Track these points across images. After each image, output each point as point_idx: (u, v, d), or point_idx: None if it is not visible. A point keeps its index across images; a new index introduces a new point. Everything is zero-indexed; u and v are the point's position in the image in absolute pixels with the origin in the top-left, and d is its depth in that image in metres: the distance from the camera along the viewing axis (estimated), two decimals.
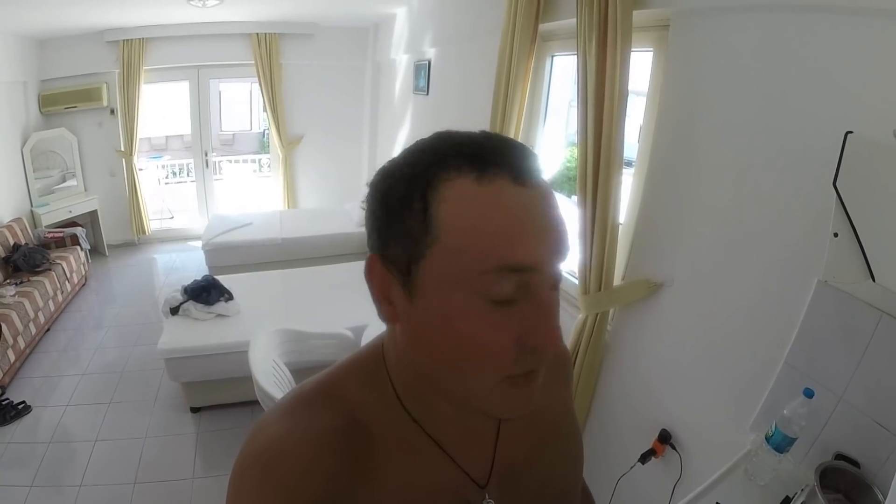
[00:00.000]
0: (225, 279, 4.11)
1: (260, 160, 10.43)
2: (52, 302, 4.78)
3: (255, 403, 2.63)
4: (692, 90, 1.94)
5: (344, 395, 0.69)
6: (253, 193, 9.01)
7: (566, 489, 0.85)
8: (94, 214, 6.66)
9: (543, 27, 2.72)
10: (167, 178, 9.92)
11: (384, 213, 0.60)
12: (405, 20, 5.57)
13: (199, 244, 5.90)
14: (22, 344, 4.12)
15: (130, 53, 6.25)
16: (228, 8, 5.37)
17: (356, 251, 5.86)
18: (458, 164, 0.56)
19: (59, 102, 6.23)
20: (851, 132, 1.16)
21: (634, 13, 1.98)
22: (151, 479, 3.10)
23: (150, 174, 8.91)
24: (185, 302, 3.78)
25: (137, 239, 7.25)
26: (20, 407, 3.62)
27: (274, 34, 6.72)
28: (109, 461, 3.23)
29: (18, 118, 5.76)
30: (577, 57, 2.22)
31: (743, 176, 1.75)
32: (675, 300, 2.08)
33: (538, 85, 3.06)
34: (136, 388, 3.98)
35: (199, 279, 3.98)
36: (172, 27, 6.23)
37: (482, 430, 0.75)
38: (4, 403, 3.60)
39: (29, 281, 4.60)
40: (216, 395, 3.65)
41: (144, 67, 6.40)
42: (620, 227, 2.22)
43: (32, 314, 4.31)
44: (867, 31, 1.35)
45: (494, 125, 2.96)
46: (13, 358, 3.96)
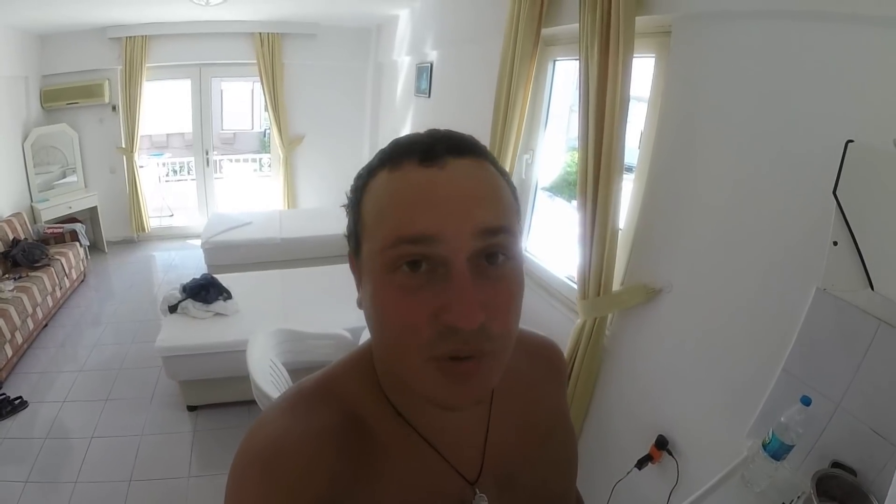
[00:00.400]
0: (224, 278, 4.11)
1: (260, 159, 10.45)
2: (50, 298, 4.78)
3: (252, 403, 2.63)
4: (693, 96, 1.94)
5: (343, 392, 0.69)
6: (253, 193, 9.02)
7: (561, 491, 0.85)
8: (93, 211, 6.67)
9: (546, 32, 2.73)
10: (167, 175, 9.95)
11: (349, 212, 0.66)
12: (408, 22, 5.57)
13: (198, 242, 5.89)
14: (19, 339, 4.12)
15: (133, 50, 6.25)
16: (231, 7, 5.38)
17: None
18: (383, 160, 0.62)
19: (60, 98, 6.23)
20: (852, 141, 1.16)
21: (637, 19, 1.99)
22: (147, 476, 3.10)
23: (150, 171, 8.93)
24: (183, 300, 3.78)
25: (137, 236, 7.25)
26: (17, 402, 3.62)
27: (276, 34, 6.73)
28: (105, 458, 3.22)
29: (20, 113, 5.76)
30: (579, 62, 2.23)
31: (743, 182, 1.75)
32: (673, 306, 2.08)
33: (540, 89, 3.06)
34: (133, 385, 3.97)
35: (197, 277, 3.98)
36: (175, 25, 6.23)
37: (471, 427, 0.75)
38: (1, 398, 3.60)
39: (27, 276, 4.60)
40: (213, 393, 3.64)
41: (146, 65, 6.40)
42: (620, 232, 2.22)
43: (30, 309, 4.31)
44: (868, 38, 1.35)
45: (495, 129, 2.96)
46: (10, 353, 3.96)
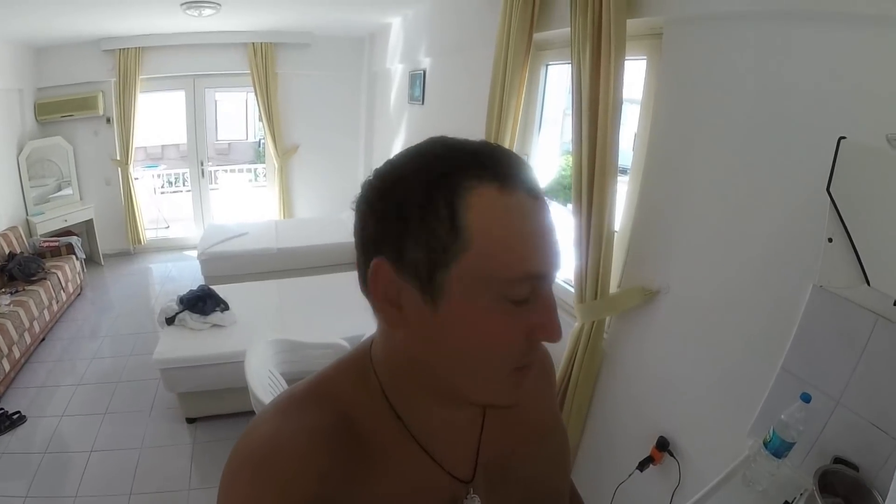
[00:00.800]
0: (221, 289, 4.10)
1: (255, 170, 10.47)
2: (47, 311, 4.76)
3: (251, 413, 2.62)
4: (686, 97, 1.95)
5: (336, 394, 0.70)
6: (248, 203, 9.02)
7: (554, 487, 0.86)
8: (89, 223, 6.65)
9: (538, 36, 2.74)
10: (163, 187, 9.94)
11: (398, 218, 0.59)
12: (400, 30, 5.59)
13: (194, 254, 5.89)
14: (17, 353, 4.09)
15: (127, 62, 6.25)
16: (224, 18, 5.37)
17: (352, 261, 5.79)
18: (477, 172, 0.58)
19: (55, 111, 6.23)
20: (844, 138, 1.16)
21: (628, 21, 2.00)
22: (147, 490, 3.08)
23: (145, 183, 8.92)
24: (180, 312, 3.77)
25: (133, 248, 7.23)
26: (15, 417, 3.60)
27: (270, 44, 6.74)
28: (105, 472, 3.20)
29: (14, 126, 5.75)
30: (571, 66, 2.24)
31: (736, 182, 1.76)
32: (671, 307, 2.08)
33: (533, 94, 3.07)
34: (131, 398, 3.96)
35: (194, 289, 3.97)
36: (169, 36, 6.23)
37: (466, 427, 0.76)
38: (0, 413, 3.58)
39: (24, 290, 4.58)
40: (212, 405, 3.63)
41: (140, 76, 6.40)
42: (616, 234, 2.23)
43: (27, 323, 4.29)
44: (859, 37, 1.36)
45: (490, 134, 2.97)
46: (8, 367, 3.93)
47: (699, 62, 1.89)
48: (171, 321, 3.75)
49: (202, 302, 3.80)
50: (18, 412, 3.64)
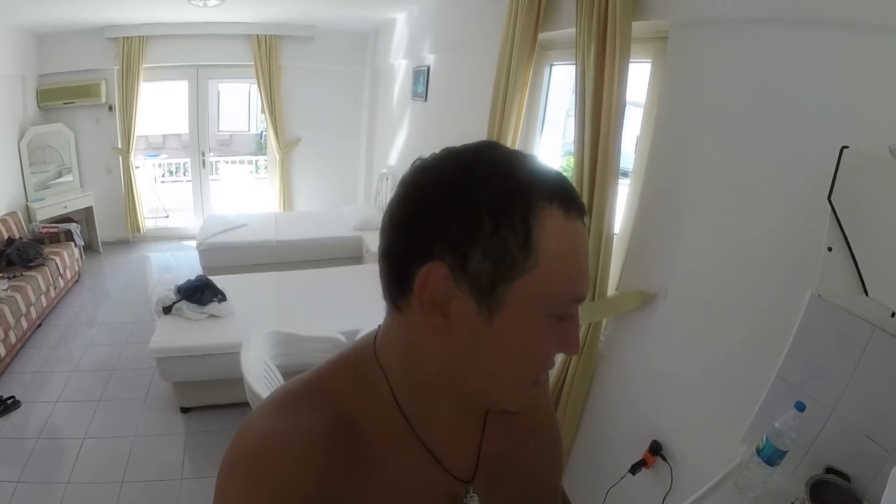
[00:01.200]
0: (219, 280, 4.09)
1: (257, 161, 10.43)
2: (44, 297, 4.75)
3: (245, 405, 2.62)
4: (690, 101, 1.95)
5: (333, 391, 0.69)
6: (249, 195, 9.00)
7: (550, 485, 0.87)
8: (89, 211, 6.64)
9: (543, 36, 2.73)
10: (163, 176, 9.93)
11: (469, 224, 0.57)
12: (405, 26, 5.58)
13: (193, 244, 5.89)
14: (13, 339, 4.09)
15: (130, 51, 6.24)
16: (229, 8, 5.38)
17: (351, 255, 5.85)
18: (549, 193, 0.59)
19: (57, 97, 6.21)
20: (847, 147, 1.16)
21: (633, 24, 1.99)
22: (139, 478, 3.08)
23: (146, 172, 8.89)
24: (178, 301, 3.76)
25: (132, 237, 7.22)
26: (9, 402, 3.59)
27: (274, 36, 6.73)
28: (98, 459, 3.20)
29: (16, 112, 5.74)
30: (575, 66, 2.23)
31: (738, 188, 1.76)
32: (668, 311, 2.08)
33: (536, 93, 3.07)
34: (126, 386, 3.95)
35: (192, 279, 3.96)
36: (173, 26, 6.23)
37: (469, 427, 0.76)
38: None
39: (22, 276, 4.58)
40: (207, 395, 3.63)
41: (144, 65, 6.39)
42: (615, 236, 2.23)
43: (24, 309, 4.29)
44: (864, 45, 1.36)
45: (492, 133, 2.96)
46: (4, 352, 3.93)
47: (703, 66, 1.88)
48: (167, 310, 3.75)
49: (200, 292, 3.80)
50: (13, 397, 3.64)
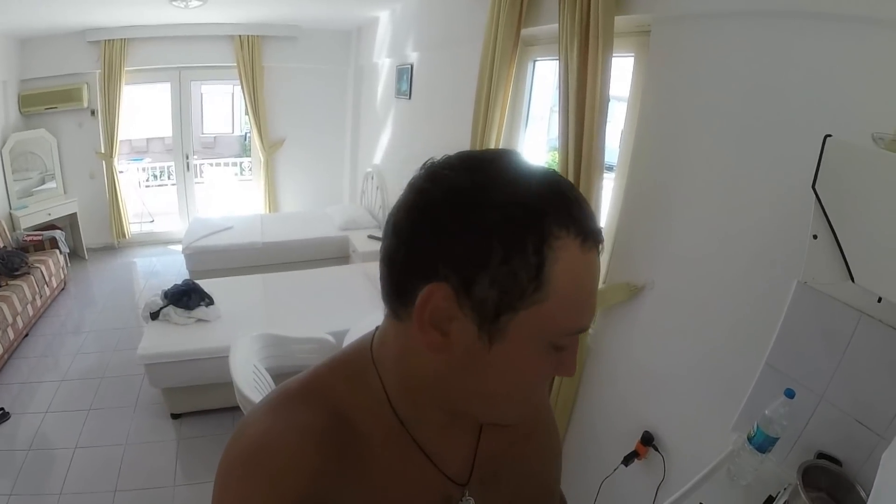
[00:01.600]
0: (205, 283, 4.06)
1: (241, 163, 10.35)
2: (30, 306, 4.70)
3: (236, 409, 2.61)
4: (673, 95, 1.96)
5: (329, 392, 0.68)
6: (234, 197, 8.94)
7: (546, 486, 0.87)
8: (73, 217, 6.57)
9: (526, 32, 2.73)
10: (148, 180, 9.84)
11: (478, 249, 0.54)
12: (388, 24, 5.57)
13: (179, 248, 5.86)
14: (0, 349, 4.05)
15: (112, 54, 6.18)
16: (211, 9, 5.34)
17: (337, 255, 5.84)
18: (566, 221, 0.55)
19: (39, 103, 6.15)
20: (830, 136, 1.17)
21: (616, 19, 2.00)
22: (132, 486, 3.06)
23: (130, 177, 8.81)
24: (165, 307, 3.74)
25: (117, 242, 7.16)
26: None
27: (256, 36, 6.70)
28: (90, 469, 3.18)
29: None
30: (559, 62, 2.24)
31: (723, 179, 1.77)
32: (656, 303, 2.10)
33: (520, 89, 3.07)
34: (116, 393, 3.92)
35: (179, 283, 3.93)
36: (154, 28, 6.18)
37: (465, 430, 0.76)
38: None
39: (7, 285, 4.52)
40: (197, 400, 3.61)
41: (126, 68, 6.34)
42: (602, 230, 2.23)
43: (11, 319, 4.24)
44: (845, 36, 1.37)
45: (476, 129, 2.96)
46: None
47: (686, 60, 1.89)
48: (155, 316, 3.72)
49: (187, 296, 3.77)
50: (2, 409, 3.60)
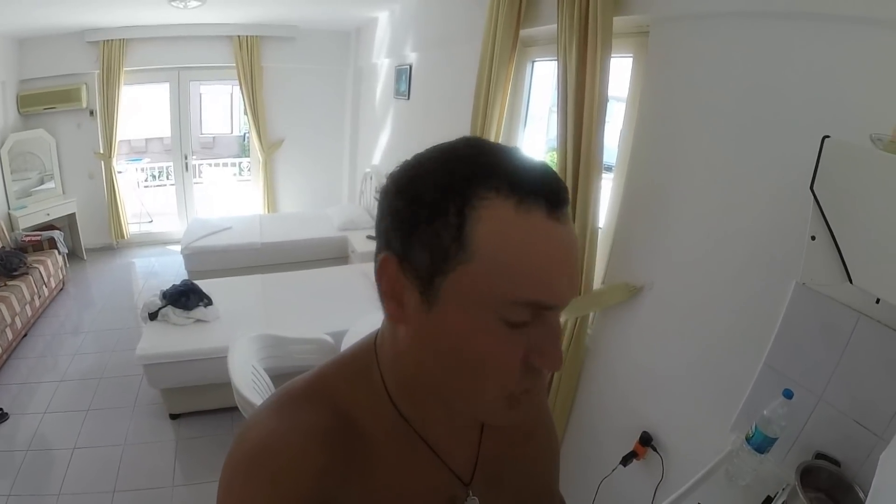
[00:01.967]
0: (204, 284, 4.06)
1: (240, 164, 10.34)
2: (29, 307, 4.70)
3: (234, 410, 2.60)
4: (671, 95, 1.96)
5: (334, 392, 0.69)
6: (233, 197, 8.93)
7: (547, 485, 0.87)
8: (72, 217, 6.57)
9: (524, 33, 2.73)
10: (146, 181, 9.84)
11: (411, 216, 0.57)
12: (387, 24, 5.57)
13: (178, 248, 5.85)
14: None
15: (110, 54, 6.18)
16: (209, 10, 5.34)
17: (336, 256, 5.84)
18: (497, 183, 0.55)
19: (37, 103, 6.14)
20: (829, 137, 1.17)
21: (615, 19, 2.00)
22: (131, 487, 3.05)
23: (129, 177, 8.81)
24: (163, 307, 3.73)
25: (116, 243, 7.15)
26: None
27: (255, 37, 6.70)
28: (88, 469, 3.18)
29: None
30: (557, 62, 2.24)
31: (721, 179, 1.77)
32: (655, 303, 2.10)
33: (519, 90, 3.07)
34: (114, 394, 3.92)
35: (177, 284, 3.93)
36: (153, 28, 6.18)
37: (467, 429, 0.76)
38: None
39: (5, 285, 4.52)
40: (195, 401, 3.61)
41: (125, 68, 6.33)
42: (600, 231, 2.23)
43: (9, 319, 4.23)
44: (844, 37, 1.37)
45: (475, 130, 2.96)
46: None
47: (685, 60, 1.89)
48: (153, 316, 3.72)
49: (185, 297, 3.77)
50: (1, 409, 3.60)
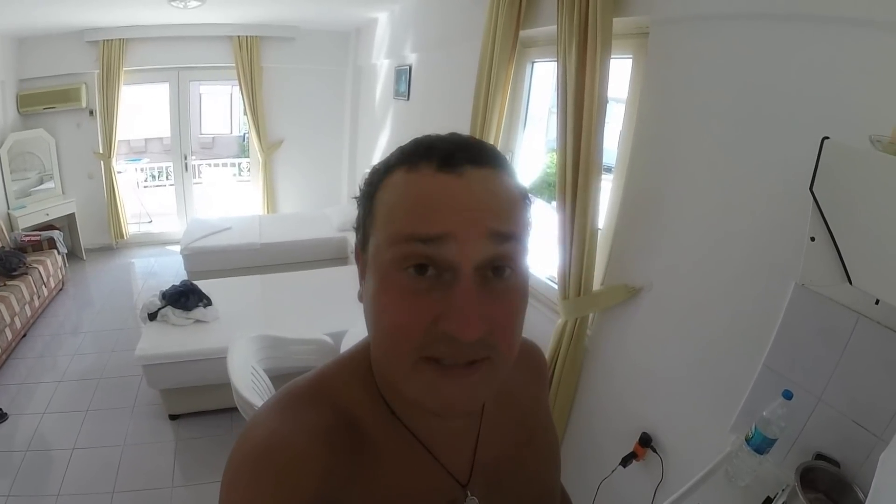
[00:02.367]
0: (203, 284, 4.06)
1: (240, 164, 10.34)
2: (28, 307, 4.69)
3: (234, 410, 2.60)
4: (671, 96, 1.96)
5: (335, 392, 0.69)
6: (232, 197, 8.93)
7: (547, 487, 0.87)
8: (71, 217, 6.56)
9: (524, 34, 2.73)
10: (146, 181, 9.83)
11: (358, 208, 0.67)
12: (386, 25, 5.57)
13: (177, 249, 5.85)
14: None
15: (110, 54, 6.17)
16: (209, 10, 5.34)
17: (336, 256, 5.85)
18: (407, 159, 0.62)
19: (37, 103, 6.13)
20: (828, 138, 1.17)
21: (614, 20, 2.00)
22: (130, 487, 3.05)
23: (128, 177, 8.80)
24: (163, 307, 3.73)
25: (115, 243, 7.14)
26: None
27: (255, 37, 6.69)
28: (87, 470, 3.17)
29: None
30: (557, 63, 2.24)
31: (720, 180, 1.77)
32: (654, 304, 2.10)
33: (518, 91, 3.07)
34: (114, 394, 3.92)
35: (177, 284, 3.92)
36: (153, 28, 6.17)
37: (463, 430, 0.76)
38: None
39: (5, 285, 4.51)
40: (195, 401, 3.60)
41: (124, 68, 6.32)
42: (599, 232, 2.23)
43: (8, 319, 4.23)
44: (843, 39, 1.37)
45: (474, 130, 2.96)
46: None
47: (684, 62, 1.89)
48: (153, 317, 3.72)
49: (185, 297, 3.77)
50: (0, 409, 3.60)
